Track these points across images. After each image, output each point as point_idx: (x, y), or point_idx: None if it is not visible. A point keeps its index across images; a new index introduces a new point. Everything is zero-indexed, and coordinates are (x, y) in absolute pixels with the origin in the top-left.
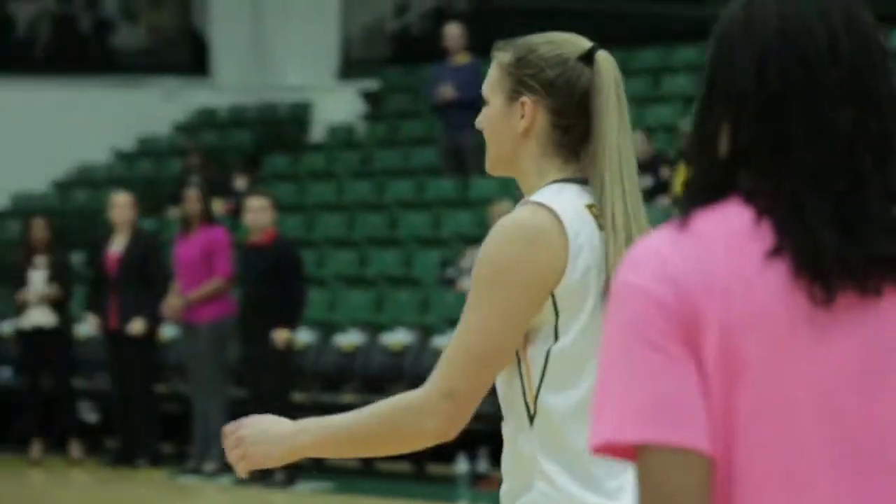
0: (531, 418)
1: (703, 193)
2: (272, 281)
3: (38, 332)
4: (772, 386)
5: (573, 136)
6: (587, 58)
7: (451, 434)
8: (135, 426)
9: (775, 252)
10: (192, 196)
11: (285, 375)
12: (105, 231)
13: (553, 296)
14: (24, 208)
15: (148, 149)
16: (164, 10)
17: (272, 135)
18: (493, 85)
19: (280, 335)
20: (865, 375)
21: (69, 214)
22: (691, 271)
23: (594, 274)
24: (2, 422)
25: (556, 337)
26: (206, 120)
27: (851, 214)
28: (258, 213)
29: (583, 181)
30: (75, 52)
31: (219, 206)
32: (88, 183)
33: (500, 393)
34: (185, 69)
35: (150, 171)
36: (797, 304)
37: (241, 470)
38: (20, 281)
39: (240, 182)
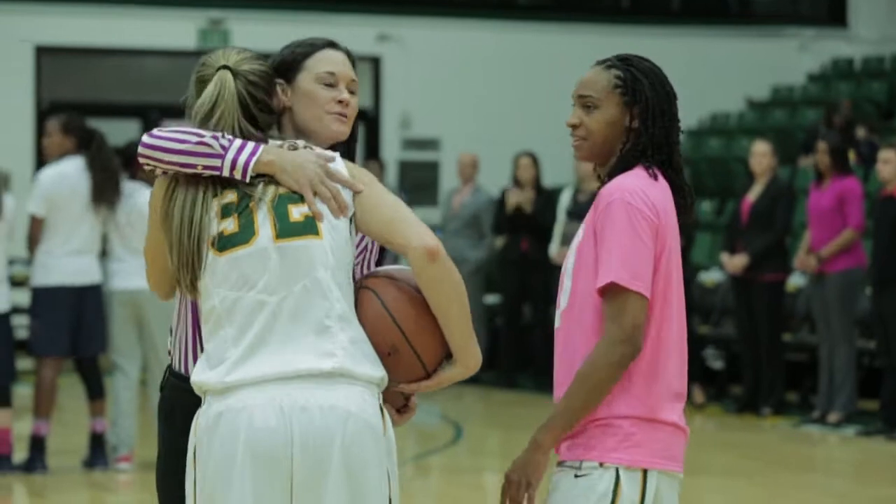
0: None
1: (624, 165)
2: None
3: None
4: (676, 261)
5: None
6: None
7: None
8: (760, 374)
9: (675, 189)
10: (824, 146)
11: None
12: (738, 179)
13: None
14: None
15: (782, 98)
16: None
17: None
18: None
19: None
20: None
21: (702, 162)
22: (658, 201)
23: None
24: None
25: None
26: (840, 71)
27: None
28: (891, 164)
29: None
30: (713, 2)
31: (851, 157)
32: (721, 132)
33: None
34: (822, 20)
35: (784, 121)
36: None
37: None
38: None
39: (870, 133)
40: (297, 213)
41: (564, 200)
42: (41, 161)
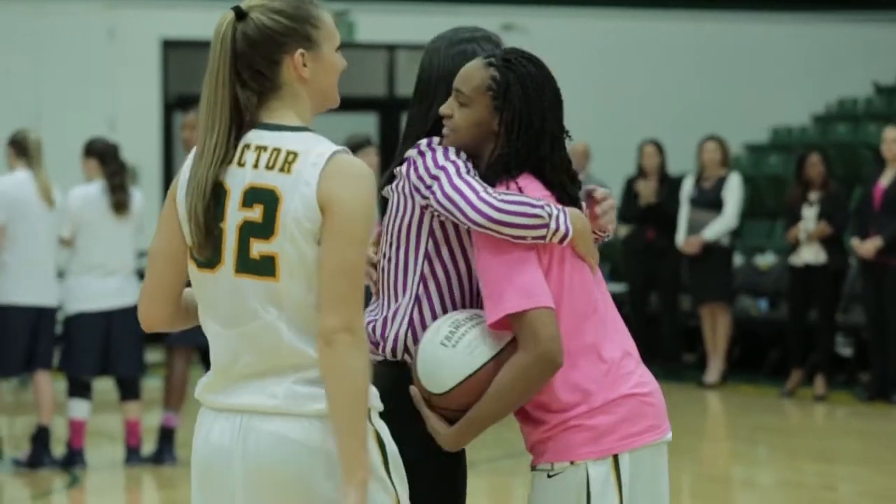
0: None
1: (491, 174)
2: None
3: (809, 269)
4: (578, 269)
5: None
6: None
7: None
8: (889, 361)
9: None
10: None
11: None
12: (866, 165)
13: None
14: (783, 143)
15: None
16: None
17: None
18: None
19: None
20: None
21: (830, 148)
22: None
23: None
24: (759, 352)
25: None
26: None
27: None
28: None
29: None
30: None
31: None
32: (849, 117)
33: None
34: None
35: None
36: None
37: None
38: (794, 216)
39: None
40: (256, 250)
41: (687, 188)
42: (168, 155)
